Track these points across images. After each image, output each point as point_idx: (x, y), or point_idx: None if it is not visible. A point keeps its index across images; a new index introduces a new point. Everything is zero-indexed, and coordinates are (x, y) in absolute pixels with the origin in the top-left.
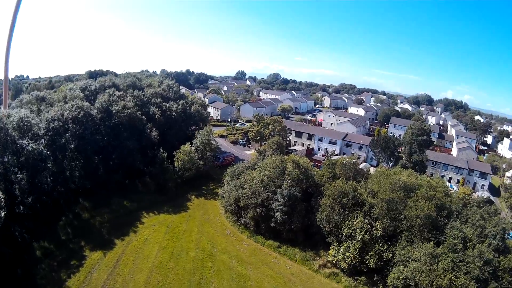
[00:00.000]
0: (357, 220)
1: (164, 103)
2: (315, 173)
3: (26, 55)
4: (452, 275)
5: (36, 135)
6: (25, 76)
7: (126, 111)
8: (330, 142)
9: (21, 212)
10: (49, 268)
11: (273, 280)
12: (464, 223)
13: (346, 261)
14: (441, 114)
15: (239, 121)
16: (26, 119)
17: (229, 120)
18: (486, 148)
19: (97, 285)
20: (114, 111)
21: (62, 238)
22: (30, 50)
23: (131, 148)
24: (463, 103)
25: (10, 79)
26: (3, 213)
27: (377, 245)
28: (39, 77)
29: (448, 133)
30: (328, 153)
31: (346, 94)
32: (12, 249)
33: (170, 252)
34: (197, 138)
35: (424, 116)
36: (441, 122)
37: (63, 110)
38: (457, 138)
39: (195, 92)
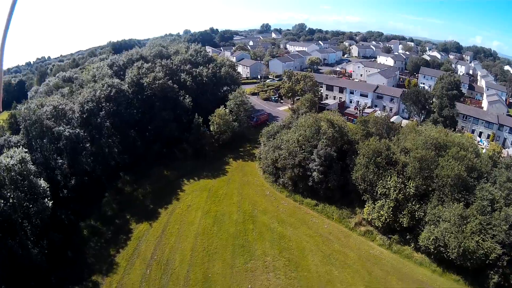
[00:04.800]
0: (391, 179)
1: (194, 69)
2: (349, 129)
3: (44, 36)
4: (479, 238)
5: (71, 119)
6: (46, 57)
7: (157, 82)
8: (361, 95)
9: (65, 195)
10: (98, 246)
11: (312, 239)
12: (492, 184)
13: (380, 220)
14: (470, 62)
15: (269, 77)
16: (59, 106)
17: (259, 77)
18: None
19: (145, 257)
20: (145, 84)
21: (107, 214)
22: (46, 30)
23: (166, 118)
24: (492, 51)
25: (32, 62)
26: (51, 202)
27: (409, 204)
28: (61, 55)
29: (478, 83)
30: (360, 106)
31: (373, 42)
32: (60, 232)
33: (213, 217)
34: (230, 100)
35: (453, 66)
36: (470, 72)
37: (94, 90)
38: (487, 90)
39: (221, 50)
